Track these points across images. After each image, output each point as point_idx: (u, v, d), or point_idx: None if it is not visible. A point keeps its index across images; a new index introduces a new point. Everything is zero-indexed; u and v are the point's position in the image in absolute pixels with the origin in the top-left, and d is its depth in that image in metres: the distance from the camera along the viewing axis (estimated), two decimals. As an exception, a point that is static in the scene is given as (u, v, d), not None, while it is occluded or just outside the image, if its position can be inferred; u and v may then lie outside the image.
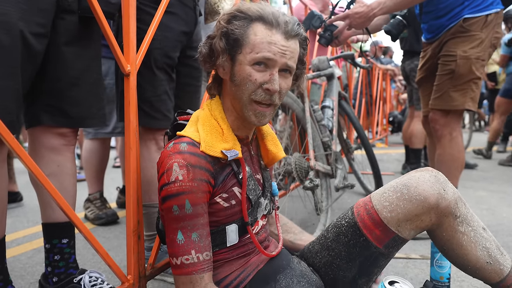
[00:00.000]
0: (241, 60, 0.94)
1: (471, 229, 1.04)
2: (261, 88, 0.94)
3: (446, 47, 1.97)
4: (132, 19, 1.09)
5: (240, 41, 0.93)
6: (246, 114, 0.97)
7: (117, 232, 2.29)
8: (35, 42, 1.11)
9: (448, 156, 2.00)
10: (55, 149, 1.29)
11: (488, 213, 2.53)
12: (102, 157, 2.52)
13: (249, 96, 0.94)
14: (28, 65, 1.12)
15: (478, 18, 1.89)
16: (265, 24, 0.93)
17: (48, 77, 1.22)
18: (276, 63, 0.93)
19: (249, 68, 0.93)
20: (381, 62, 6.76)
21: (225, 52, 0.95)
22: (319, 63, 2.34)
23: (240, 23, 0.93)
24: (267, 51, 0.91)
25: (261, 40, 0.92)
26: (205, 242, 0.93)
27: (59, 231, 1.31)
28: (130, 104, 1.10)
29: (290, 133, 2.52)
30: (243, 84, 0.94)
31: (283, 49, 0.92)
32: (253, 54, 0.92)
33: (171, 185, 0.89)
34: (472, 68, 1.90)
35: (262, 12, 0.93)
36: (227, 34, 0.94)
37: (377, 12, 1.83)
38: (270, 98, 0.95)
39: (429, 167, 1.08)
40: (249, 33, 0.93)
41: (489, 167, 4.43)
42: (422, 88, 2.29)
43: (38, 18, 1.12)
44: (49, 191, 0.92)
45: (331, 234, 1.10)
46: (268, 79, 0.93)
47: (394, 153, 5.87)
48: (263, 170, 1.12)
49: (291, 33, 0.94)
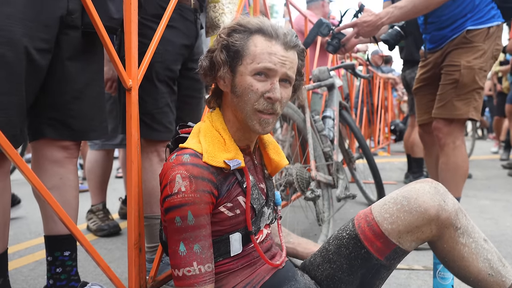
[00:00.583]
0: (242, 71, 0.96)
1: (472, 241, 1.04)
2: (263, 97, 0.96)
3: (449, 57, 1.99)
4: (134, 34, 1.10)
5: (241, 52, 0.95)
6: (250, 124, 0.98)
7: (119, 243, 2.29)
8: (39, 57, 1.13)
9: (452, 165, 2.00)
10: (58, 162, 1.30)
11: (492, 222, 2.51)
12: (105, 168, 2.53)
13: (252, 106, 0.96)
14: (32, 80, 1.14)
15: (481, 30, 1.92)
16: (264, 36, 0.95)
17: (51, 91, 1.24)
18: (276, 72, 0.95)
19: (250, 78, 0.95)
20: (382, 71, 6.78)
21: (226, 64, 0.97)
22: (320, 74, 2.35)
23: (240, 35, 0.96)
24: (268, 61, 0.94)
25: (261, 51, 0.94)
26: (207, 253, 0.93)
27: (61, 244, 1.31)
28: (131, 118, 1.11)
29: (292, 143, 2.53)
30: (245, 95, 0.96)
31: (283, 59, 0.95)
32: (254, 64, 0.94)
33: (173, 197, 0.90)
34: (475, 78, 1.93)
35: (261, 25, 0.96)
36: (227, 46, 0.96)
37: (385, 21, 1.87)
38: (272, 107, 0.97)
39: (429, 179, 1.08)
40: (249, 44, 0.95)
41: (492, 176, 4.41)
42: (419, 97, 2.31)
43: (43, 34, 1.14)
44: (50, 204, 0.93)
45: (332, 246, 1.09)
46: (269, 88, 0.95)
47: (396, 161, 5.86)
48: (267, 180, 1.13)
49: (290, 44, 0.97)
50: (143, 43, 1.29)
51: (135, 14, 1.11)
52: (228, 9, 1.73)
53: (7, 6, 1.06)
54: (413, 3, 1.82)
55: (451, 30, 1.98)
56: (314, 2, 3.82)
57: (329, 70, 2.39)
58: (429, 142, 2.36)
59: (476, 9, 1.93)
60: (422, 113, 2.29)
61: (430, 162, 2.40)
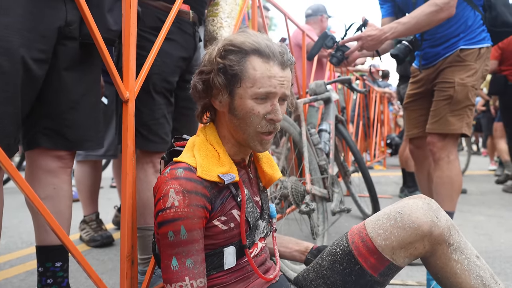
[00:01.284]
0: (241, 94, 0.95)
1: (464, 257, 1.04)
2: (264, 119, 0.96)
3: (443, 74, 2.06)
4: (133, 47, 1.11)
5: (239, 76, 0.94)
6: (251, 144, 0.99)
7: (112, 254, 2.27)
8: (36, 67, 1.14)
9: (447, 179, 2.03)
10: (52, 172, 1.30)
11: (486, 238, 2.52)
12: (94, 179, 2.51)
13: (255, 129, 0.96)
14: (28, 89, 1.15)
15: (473, 50, 2.01)
16: (261, 57, 0.94)
17: (47, 101, 1.25)
18: (276, 94, 0.96)
19: (251, 102, 0.95)
20: (378, 85, 6.84)
21: (225, 88, 0.96)
22: (316, 87, 2.38)
23: (236, 57, 0.95)
24: (269, 85, 0.94)
25: (261, 75, 0.94)
26: (200, 268, 0.93)
27: (52, 254, 1.30)
28: (128, 129, 1.11)
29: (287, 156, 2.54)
30: (247, 118, 0.96)
31: (281, 80, 0.95)
32: (255, 89, 0.94)
33: (167, 211, 0.90)
34: (468, 95, 2.00)
35: (257, 45, 0.95)
36: (225, 69, 0.95)
37: (389, 36, 1.93)
38: (274, 127, 0.98)
39: (422, 195, 1.08)
40: (247, 67, 0.94)
41: (487, 191, 4.43)
42: (409, 111, 2.36)
43: (40, 44, 1.15)
44: (43, 214, 0.93)
45: (326, 262, 1.09)
46: (270, 110, 0.96)
47: (392, 175, 5.88)
48: (262, 192, 1.13)
49: (286, 63, 0.97)
50: (141, 55, 1.30)
51: (134, 27, 1.12)
52: (226, 23, 1.75)
53: (5, 16, 1.07)
54: (416, 19, 1.88)
55: (444, 48, 2.05)
56: (312, 17, 3.88)
57: (326, 84, 2.41)
58: (420, 157, 2.39)
59: (469, 29, 2.01)
60: (412, 127, 2.34)
61: (422, 177, 2.43)
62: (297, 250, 1.26)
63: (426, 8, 1.87)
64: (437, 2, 1.85)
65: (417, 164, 2.43)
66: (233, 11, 1.80)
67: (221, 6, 1.76)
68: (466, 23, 2.01)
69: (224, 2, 1.76)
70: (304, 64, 2.94)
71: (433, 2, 1.86)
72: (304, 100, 2.26)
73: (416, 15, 1.89)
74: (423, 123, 2.24)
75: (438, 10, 1.86)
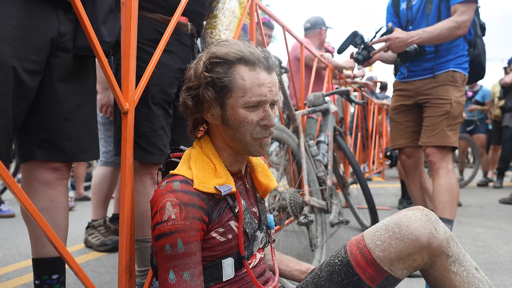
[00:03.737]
0: (232, 104, 0.96)
1: (463, 269, 1.04)
2: (258, 125, 0.98)
3: (437, 92, 2.23)
4: (133, 59, 1.12)
5: (228, 86, 0.95)
6: (251, 150, 1.00)
7: (109, 266, 2.25)
8: (28, 78, 1.14)
9: (447, 186, 2.15)
10: (48, 184, 1.30)
11: (485, 250, 2.51)
12: (110, 185, 2.57)
13: (251, 135, 0.98)
14: (20, 100, 1.15)
15: (461, 73, 2.24)
16: (247, 65, 0.96)
17: (41, 113, 1.25)
18: (267, 101, 0.97)
19: (243, 111, 0.96)
20: (376, 97, 6.88)
21: (216, 100, 0.96)
22: (315, 99, 2.39)
23: (223, 69, 0.95)
24: (259, 94, 0.95)
25: (251, 85, 0.95)
26: (197, 281, 0.92)
27: (49, 267, 1.29)
28: (127, 141, 1.12)
29: (286, 167, 2.54)
30: (241, 127, 0.97)
31: (270, 86, 0.97)
32: (246, 98, 0.95)
33: (163, 224, 0.90)
34: (461, 112, 2.22)
35: (241, 54, 0.96)
36: (213, 82, 0.96)
37: (414, 41, 2.13)
38: (269, 133, 1.00)
39: (420, 206, 1.09)
40: (235, 77, 0.95)
41: (485, 203, 4.43)
42: (395, 123, 2.48)
43: (32, 55, 1.15)
44: (40, 226, 0.93)
45: (324, 273, 1.09)
46: (263, 116, 0.97)
47: (391, 187, 5.87)
48: (259, 203, 1.13)
49: (272, 66, 0.99)
50: (140, 66, 1.31)
51: (134, 39, 1.13)
52: (224, 35, 1.77)
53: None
54: (439, 31, 2.11)
55: (436, 65, 2.23)
56: (311, 30, 3.91)
57: (324, 95, 2.43)
58: (411, 166, 2.48)
59: (458, 54, 2.24)
60: (399, 138, 2.45)
61: (413, 185, 2.51)
62: (297, 270, 1.25)
63: (447, 23, 2.11)
64: (457, 19, 2.10)
65: (409, 173, 2.51)
66: (232, 23, 1.82)
67: (219, 19, 1.78)
68: (458, 48, 2.23)
69: (222, 14, 1.79)
70: (303, 76, 2.96)
71: (453, 19, 2.11)
72: (302, 112, 2.27)
73: (439, 27, 2.11)
74: (410, 134, 2.39)
75: (457, 27, 2.10)
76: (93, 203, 2.58)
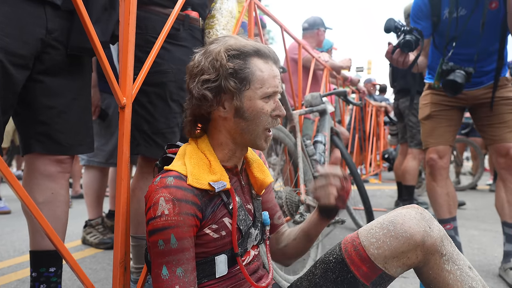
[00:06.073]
0: (251, 95, 0.98)
1: (457, 268, 1.04)
2: (270, 116, 1.01)
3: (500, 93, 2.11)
4: (131, 54, 1.13)
5: (249, 78, 0.98)
6: (258, 142, 1.02)
7: (105, 263, 2.25)
8: (15, 72, 1.15)
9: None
10: (50, 176, 1.31)
11: (480, 252, 2.52)
12: (101, 183, 2.60)
13: (264, 126, 1.01)
14: (8, 93, 1.16)
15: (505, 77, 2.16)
16: (261, 58, 0.99)
17: (37, 107, 1.26)
18: (278, 92, 1.02)
19: (261, 102, 0.99)
20: (374, 99, 6.90)
21: (237, 91, 0.97)
22: (312, 99, 2.40)
23: (241, 60, 0.98)
24: (274, 85, 1.00)
25: (268, 76, 0.99)
26: (190, 277, 0.92)
27: (47, 260, 1.30)
28: (124, 136, 1.12)
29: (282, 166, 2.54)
30: (257, 118, 0.99)
31: (279, 78, 1.02)
32: (264, 89, 0.98)
33: (157, 220, 0.90)
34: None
35: (257, 47, 1.00)
36: (235, 73, 0.96)
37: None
38: (277, 122, 1.04)
39: (415, 204, 1.09)
40: (253, 69, 0.98)
41: (481, 206, 4.44)
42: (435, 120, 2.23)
43: (20, 50, 1.16)
44: (38, 219, 0.93)
45: (319, 270, 1.09)
46: (274, 107, 1.01)
47: (387, 189, 5.88)
48: (255, 200, 1.13)
49: (277, 60, 1.03)
50: (158, 63, 1.35)
51: (133, 34, 1.13)
52: (221, 35, 1.77)
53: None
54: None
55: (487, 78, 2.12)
56: (309, 31, 3.92)
57: (322, 96, 2.43)
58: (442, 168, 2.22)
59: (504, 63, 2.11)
60: (438, 136, 2.22)
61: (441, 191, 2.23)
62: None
63: None
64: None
65: (438, 175, 2.23)
66: (229, 23, 1.83)
67: (217, 19, 1.79)
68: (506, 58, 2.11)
69: (219, 14, 1.79)
70: (300, 77, 2.97)
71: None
72: (299, 112, 2.28)
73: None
74: (451, 134, 2.21)
75: None
76: (87, 203, 2.60)
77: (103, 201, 2.66)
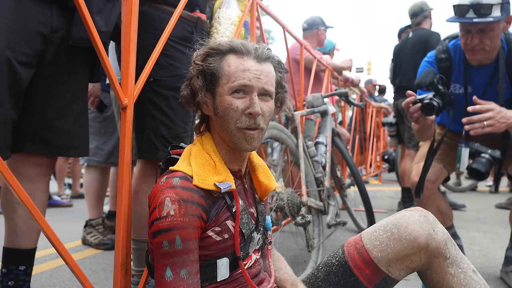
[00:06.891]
0: (220, 92, 0.98)
1: (461, 271, 1.03)
2: (244, 114, 0.96)
3: None
4: (132, 54, 1.12)
5: (216, 74, 0.97)
6: (236, 142, 0.98)
7: (105, 264, 2.24)
8: (22, 70, 1.16)
9: None
10: (29, 178, 1.31)
11: (481, 254, 2.51)
12: (102, 182, 2.61)
13: (235, 124, 0.96)
14: (15, 91, 1.16)
15: None
16: (236, 54, 0.98)
17: (34, 107, 1.26)
18: (253, 88, 0.96)
19: (229, 98, 0.96)
20: (374, 100, 6.90)
21: (203, 88, 0.99)
22: (314, 100, 2.39)
23: (214, 58, 0.98)
24: (242, 78, 0.95)
25: (235, 70, 0.96)
26: (194, 279, 0.91)
27: (18, 258, 1.32)
28: (125, 137, 1.11)
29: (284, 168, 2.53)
30: (226, 114, 0.96)
31: (257, 73, 0.96)
32: (230, 83, 0.96)
33: (162, 220, 0.88)
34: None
35: (232, 44, 0.98)
36: (203, 71, 0.98)
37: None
38: (254, 122, 0.96)
39: (419, 207, 1.08)
40: (223, 65, 0.97)
41: (482, 208, 4.44)
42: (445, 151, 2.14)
43: (25, 48, 1.16)
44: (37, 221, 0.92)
45: (322, 273, 1.08)
46: (249, 104, 0.96)
47: (387, 190, 5.88)
48: (258, 204, 1.12)
49: (262, 56, 0.98)
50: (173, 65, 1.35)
51: (135, 34, 1.12)
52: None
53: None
54: None
55: None
56: (308, 31, 3.90)
57: (323, 97, 2.42)
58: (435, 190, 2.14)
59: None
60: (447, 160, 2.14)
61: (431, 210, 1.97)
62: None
63: None
64: None
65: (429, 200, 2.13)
66: (228, 30, 1.85)
67: (215, 27, 1.82)
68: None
69: (217, 23, 1.82)
70: (302, 77, 2.96)
71: None
72: (301, 112, 2.27)
73: None
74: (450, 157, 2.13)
75: None
76: (88, 203, 2.60)
77: (103, 200, 2.66)
